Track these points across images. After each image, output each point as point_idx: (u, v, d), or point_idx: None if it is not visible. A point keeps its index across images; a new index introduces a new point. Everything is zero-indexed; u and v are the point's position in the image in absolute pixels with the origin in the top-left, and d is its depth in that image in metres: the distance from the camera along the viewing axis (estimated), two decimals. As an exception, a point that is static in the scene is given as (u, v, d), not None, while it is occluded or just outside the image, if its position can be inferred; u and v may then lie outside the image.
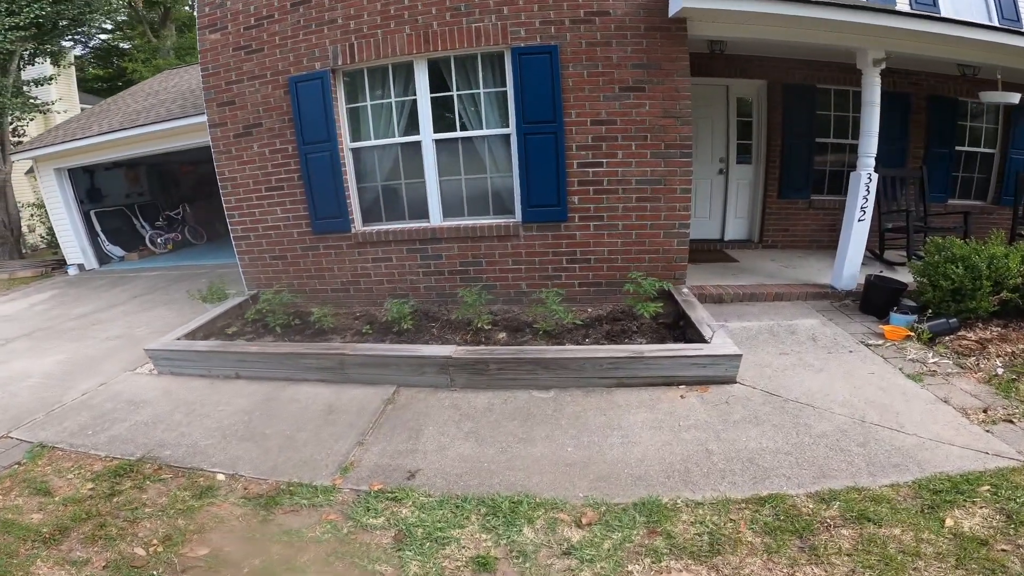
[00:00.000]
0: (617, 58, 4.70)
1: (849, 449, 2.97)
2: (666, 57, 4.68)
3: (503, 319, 4.87)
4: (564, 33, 4.72)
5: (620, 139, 4.75)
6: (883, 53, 4.78)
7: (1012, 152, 7.08)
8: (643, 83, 4.71)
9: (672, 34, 4.67)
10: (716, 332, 3.92)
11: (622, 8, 4.67)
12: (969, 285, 4.28)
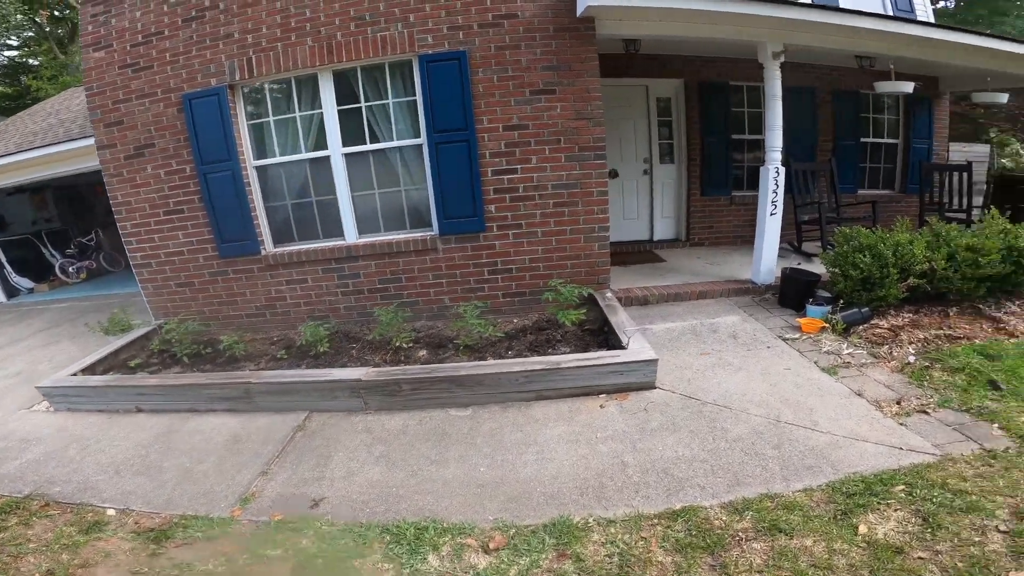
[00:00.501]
0: (527, 61, 4.62)
1: (764, 453, 2.93)
2: (576, 58, 4.64)
3: (426, 336, 4.70)
4: (473, 38, 4.61)
5: (533, 144, 4.66)
6: (781, 46, 4.89)
7: (914, 142, 7.46)
8: (554, 85, 4.65)
9: (581, 34, 4.63)
10: (632, 337, 3.87)
11: (530, 10, 4.60)
12: (877, 273, 4.39)
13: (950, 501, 2.44)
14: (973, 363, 3.73)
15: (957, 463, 2.74)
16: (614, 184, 6.90)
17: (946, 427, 3.09)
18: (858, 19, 4.84)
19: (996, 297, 4.69)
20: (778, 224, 5.12)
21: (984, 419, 3.13)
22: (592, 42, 4.65)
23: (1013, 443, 2.86)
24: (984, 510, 2.36)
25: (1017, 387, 3.42)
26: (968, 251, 4.39)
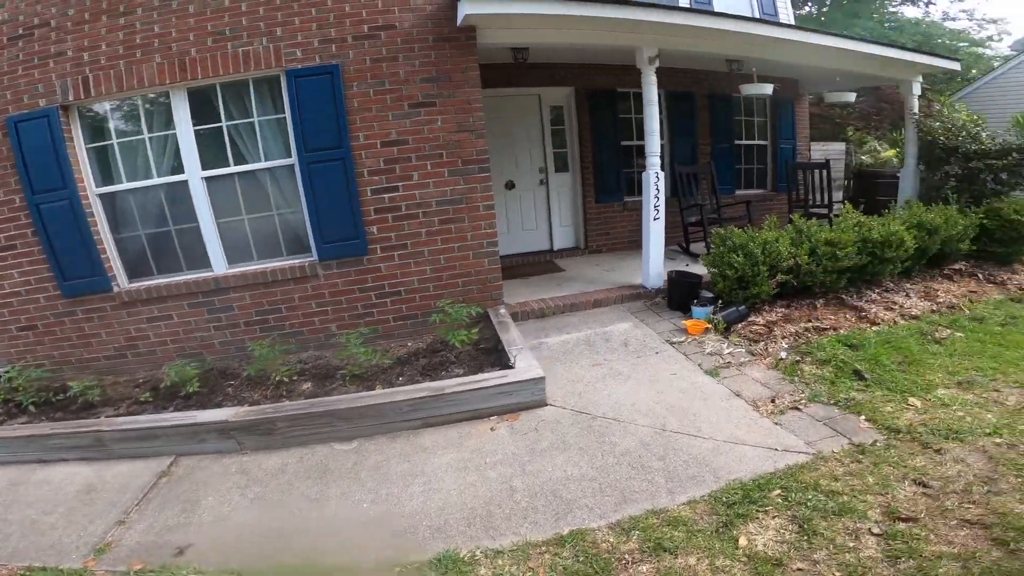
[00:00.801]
0: (405, 73, 4.44)
1: (650, 465, 2.93)
2: (456, 68, 4.52)
3: (312, 367, 4.38)
4: (347, 51, 4.36)
5: (415, 159, 4.48)
6: (656, 50, 5.02)
7: (780, 142, 8.07)
8: (434, 98, 4.50)
9: (462, 44, 4.53)
10: (520, 356, 3.79)
11: (408, 21, 4.43)
12: (750, 272, 4.60)
13: (824, 504, 2.50)
14: (839, 354, 3.99)
15: (828, 461, 2.84)
16: (511, 195, 6.89)
17: (817, 423, 3.23)
18: (726, 22, 5.11)
19: (857, 287, 5.10)
20: (662, 228, 5.27)
21: (852, 411, 3.31)
22: (473, 52, 4.57)
23: (879, 435, 3.04)
24: (857, 512, 2.44)
25: (880, 375, 3.68)
26: (827, 245, 4.72)
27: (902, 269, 5.21)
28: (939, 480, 2.60)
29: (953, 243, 5.38)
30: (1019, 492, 2.46)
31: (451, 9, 4.43)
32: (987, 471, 2.64)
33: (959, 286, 5.30)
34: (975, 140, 6.03)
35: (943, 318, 4.58)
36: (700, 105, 7.49)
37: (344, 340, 4.13)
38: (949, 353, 3.96)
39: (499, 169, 6.74)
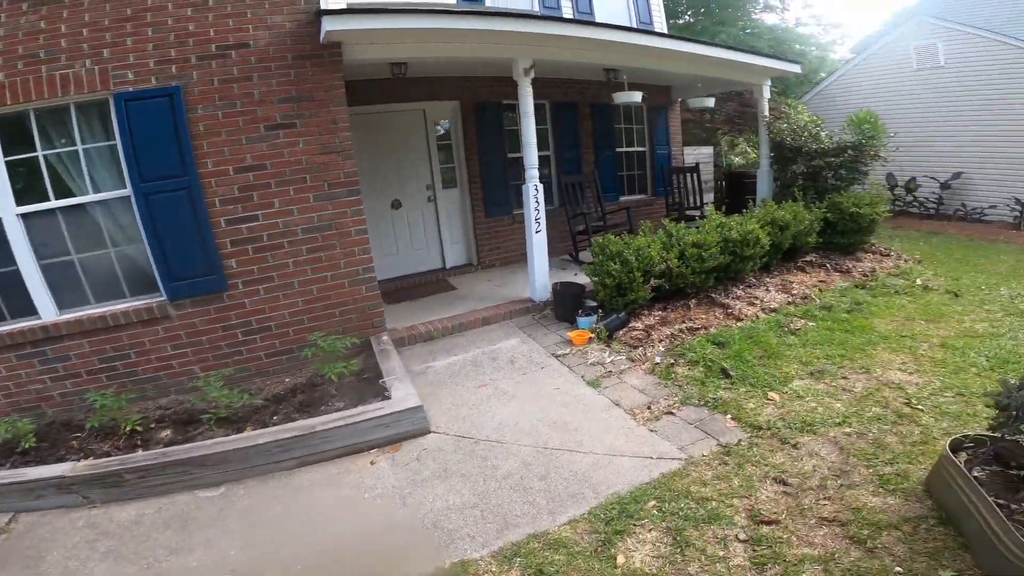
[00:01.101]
0: (260, 94, 4.13)
1: (531, 487, 2.89)
2: (320, 87, 4.28)
3: (174, 412, 3.95)
4: (190, 72, 3.98)
5: (275, 185, 4.18)
6: (530, 61, 5.05)
7: (657, 148, 8.50)
8: (294, 118, 4.22)
9: (325, 61, 4.29)
10: (397, 385, 3.67)
11: (265, 39, 4.13)
12: (626, 279, 4.74)
13: (695, 512, 2.56)
14: (708, 353, 4.17)
15: (699, 466, 2.92)
16: (399, 215, 6.68)
17: (689, 426, 3.33)
18: (596, 31, 5.24)
19: (724, 285, 5.41)
20: (545, 240, 5.32)
21: (719, 411, 3.44)
22: (338, 69, 4.35)
23: (744, 434, 3.17)
24: (725, 518, 2.51)
25: (744, 372, 3.87)
26: (694, 247, 4.98)
27: (761, 264, 5.62)
28: (797, 477, 2.74)
29: (802, 237, 5.89)
30: (870, 483, 2.63)
31: (313, 26, 4.20)
32: (840, 463, 2.81)
33: (811, 277, 5.80)
34: (816, 140, 6.64)
35: (798, 309, 4.96)
36: (584, 115, 7.71)
37: (200, 384, 3.75)
38: (803, 343, 4.27)
39: (384, 188, 6.53)
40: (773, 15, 18.76)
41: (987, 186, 9.15)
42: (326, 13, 4.10)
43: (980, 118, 9.17)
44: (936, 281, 5.62)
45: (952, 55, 9.45)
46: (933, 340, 4.17)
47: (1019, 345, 4.01)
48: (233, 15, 4.07)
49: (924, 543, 2.24)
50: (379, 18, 4.28)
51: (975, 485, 2.17)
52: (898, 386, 3.51)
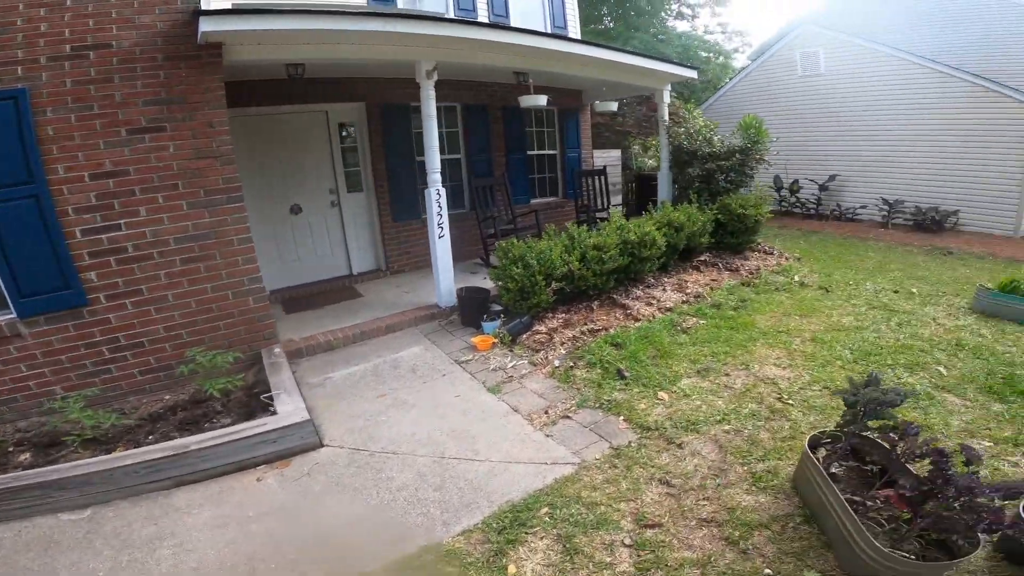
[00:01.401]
0: (123, 96, 3.75)
1: (426, 498, 2.83)
2: (194, 89, 3.95)
3: (35, 434, 3.58)
4: (39, 73, 3.54)
5: (139, 192, 3.82)
6: (433, 64, 4.95)
7: (568, 151, 8.66)
8: (163, 122, 3.87)
9: (203, 62, 3.97)
10: (283, 399, 3.52)
11: (130, 39, 3.75)
12: (529, 282, 4.77)
13: (584, 518, 2.59)
14: (605, 355, 4.27)
15: (591, 470, 2.97)
16: (299, 220, 6.35)
17: (584, 429, 3.38)
18: (499, 33, 5.20)
19: (625, 286, 5.59)
20: (448, 245, 5.24)
21: (613, 413, 3.52)
22: (217, 71, 4.04)
23: (635, 435, 3.26)
24: (611, 523, 2.55)
25: (638, 372, 3.99)
26: (595, 250, 5.09)
27: (660, 265, 5.85)
28: (680, 478, 2.85)
29: (696, 238, 6.21)
30: (745, 482, 2.77)
31: (190, 26, 3.89)
32: (719, 462, 2.95)
33: (705, 276, 6.12)
34: (708, 144, 7.02)
35: (691, 308, 5.22)
36: (495, 117, 7.68)
37: (58, 406, 3.40)
38: (693, 342, 4.48)
39: (283, 193, 6.19)
40: (685, 22, 19.74)
41: (859, 187, 10.10)
42: (204, 13, 3.82)
43: (852, 123, 10.10)
44: (811, 278, 6.12)
45: (831, 62, 10.33)
46: (805, 335, 4.51)
47: (880, 338, 4.43)
48: (94, 15, 3.69)
49: (791, 542, 2.36)
50: (261, 19, 4.02)
51: (829, 482, 2.27)
52: (772, 381, 3.76)
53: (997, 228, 8.55)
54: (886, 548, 1.95)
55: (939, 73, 8.88)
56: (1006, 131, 8.23)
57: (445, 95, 7.20)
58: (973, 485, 1.85)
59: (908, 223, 9.20)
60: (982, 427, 3.15)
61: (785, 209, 10.81)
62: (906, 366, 3.92)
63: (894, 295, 5.49)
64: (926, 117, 9.14)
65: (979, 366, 3.91)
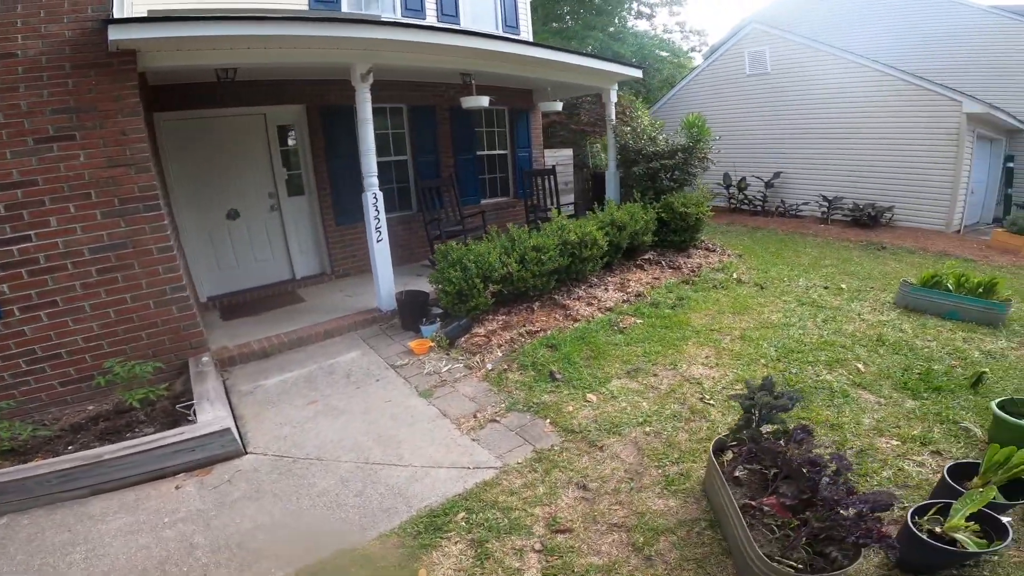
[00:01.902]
0: (28, 105, 3.61)
1: (346, 503, 2.82)
2: (106, 97, 3.82)
3: None
4: None
5: (50, 202, 3.66)
6: (368, 67, 4.88)
7: (518, 151, 8.66)
8: (73, 130, 3.73)
9: (115, 70, 3.85)
10: (207, 408, 3.47)
11: (36, 48, 3.62)
12: (466, 285, 4.76)
13: (499, 523, 2.61)
14: (540, 357, 4.30)
15: (511, 475, 2.99)
16: (236, 225, 6.19)
17: (511, 433, 3.40)
18: (435, 35, 5.14)
19: (567, 286, 5.64)
20: (387, 248, 5.20)
21: (541, 416, 3.55)
22: (130, 78, 3.93)
23: (559, 438, 3.29)
24: (524, 528, 2.57)
25: (570, 374, 4.02)
26: (534, 251, 5.11)
27: (603, 264, 5.92)
28: (597, 481, 2.88)
29: (640, 236, 6.30)
30: (657, 485, 2.81)
31: (100, 34, 3.76)
32: (636, 465, 2.99)
33: (648, 274, 6.22)
34: (653, 143, 7.12)
35: (631, 307, 5.30)
36: (442, 118, 7.62)
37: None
38: (628, 342, 4.55)
39: (217, 198, 6.01)
40: (645, 21, 19.96)
41: (801, 184, 10.42)
42: (113, 22, 3.71)
43: (796, 121, 10.41)
44: (749, 275, 6.28)
45: (776, 61, 10.60)
46: (735, 333, 4.63)
47: (805, 334, 4.57)
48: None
49: (695, 548, 2.39)
50: (173, 26, 3.94)
51: (727, 487, 2.30)
52: (697, 381, 3.84)
53: (930, 223, 8.94)
54: (775, 556, 1.98)
55: (876, 72, 9.21)
56: (938, 128, 8.60)
57: (391, 96, 7.15)
58: (837, 497, 1.89)
59: (847, 219, 9.54)
60: (892, 425, 3.25)
61: (734, 206, 11.07)
62: (827, 363, 4.05)
63: (824, 291, 5.69)
64: (863, 115, 9.48)
65: (897, 362, 4.06)
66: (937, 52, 10.46)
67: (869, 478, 2.77)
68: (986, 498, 2.11)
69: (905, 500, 2.57)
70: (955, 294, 5.05)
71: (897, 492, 2.64)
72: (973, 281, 5.08)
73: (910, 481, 2.74)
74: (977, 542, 2.10)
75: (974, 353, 4.22)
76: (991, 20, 9.99)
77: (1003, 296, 4.96)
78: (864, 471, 2.81)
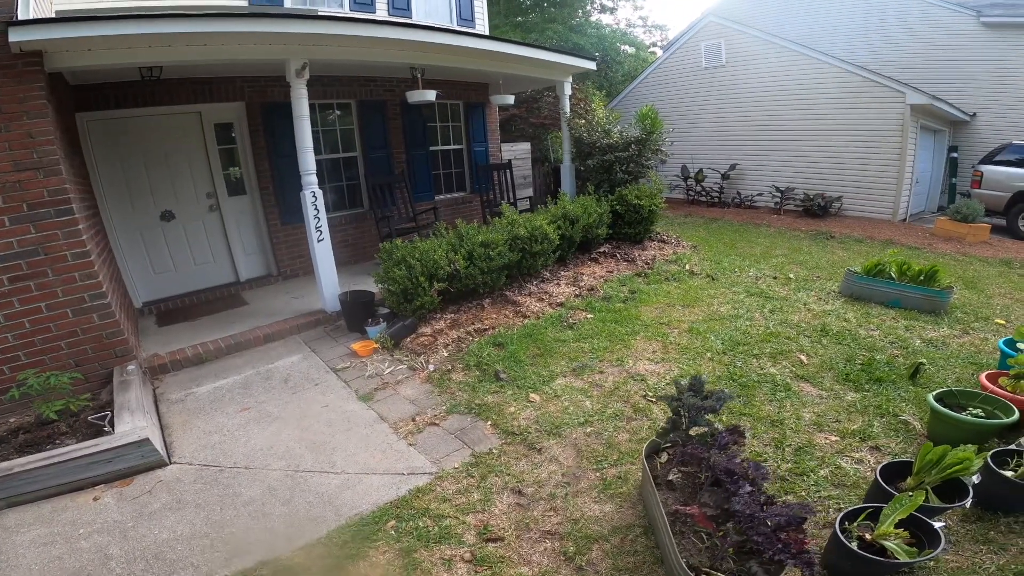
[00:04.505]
0: (-80, 111, 3.33)
1: (273, 512, 2.70)
2: (10, 99, 3.55)
3: None
4: None
5: (-49, 208, 3.41)
6: (303, 62, 4.69)
7: (474, 145, 8.51)
8: (-30, 135, 3.47)
9: (19, 71, 3.59)
10: (123, 419, 3.31)
11: None
12: (411, 284, 4.63)
13: (429, 531, 2.51)
14: (485, 356, 4.20)
15: (446, 480, 2.89)
16: (172, 227, 5.90)
17: (450, 436, 3.29)
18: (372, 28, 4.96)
19: (519, 282, 5.54)
20: (329, 248, 5.02)
21: (482, 418, 3.44)
22: (36, 79, 3.66)
23: (499, 441, 3.19)
24: (455, 537, 2.48)
25: (515, 373, 3.92)
26: (482, 247, 4.99)
27: (556, 258, 5.84)
28: (533, 486, 2.79)
29: (593, 229, 6.24)
30: (594, 489, 2.73)
31: (2, 36, 3.48)
32: (574, 468, 2.91)
33: (602, 267, 6.18)
34: (607, 135, 7.06)
35: (583, 301, 5.23)
36: (393, 113, 7.40)
37: None
38: (576, 338, 4.48)
39: (150, 199, 5.71)
40: (609, 15, 20.00)
41: (756, 175, 10.57)
42: (14, 24, 3.45)
43: (750, 112, 10.54)
44: (701, 266, 6.30)
45: (731, 54, 10.70)
46: (684, 326, 4.61)
47: (753, 326, 4.57)
48: None
49: (627, 557, 2.30)
50: (79, 26, 3.70)
51: (655, 493, 2.22)
52: (642, 378, 3.78)
53: (877, 212, 9.17)
54: (703, 567, 1.90)
55: (823, 64, 9.37)
56: (884, 119, 8.80)
57: (339, 92, 6.93)
58: (750, 511, 1.81)
59: (798, 209, 9.72)
60: (832, 420, 3.21)
61: (692, 198, 11.16)
62: (771, 355, 4.04)
63: (773, 281, 5.74)
64: (813, 107, 9.65)
65: (840, 352, 4.07)
66: (890, 45, 10.71)
67: (806, 477, 2.71)
68: (915, 504, 2.02)
69: (841, 501, 2.53)
70: (898, 282, 5.12)
71: (834, 492, 2.60)
72: (915, 269, 5.14)
73: (847, 480, 2.69)
74: (907, 550, 1.99)
75: (915, 342, 4.26)
76: (936, 12, 10.25)
77: (944, 283, 5.04)
78: (801, 469, 2.76)
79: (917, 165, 9.21)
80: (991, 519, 2.41)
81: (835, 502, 2.52)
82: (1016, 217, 8.62)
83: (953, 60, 9.94)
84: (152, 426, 3.35)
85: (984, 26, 9.57)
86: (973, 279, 6.10)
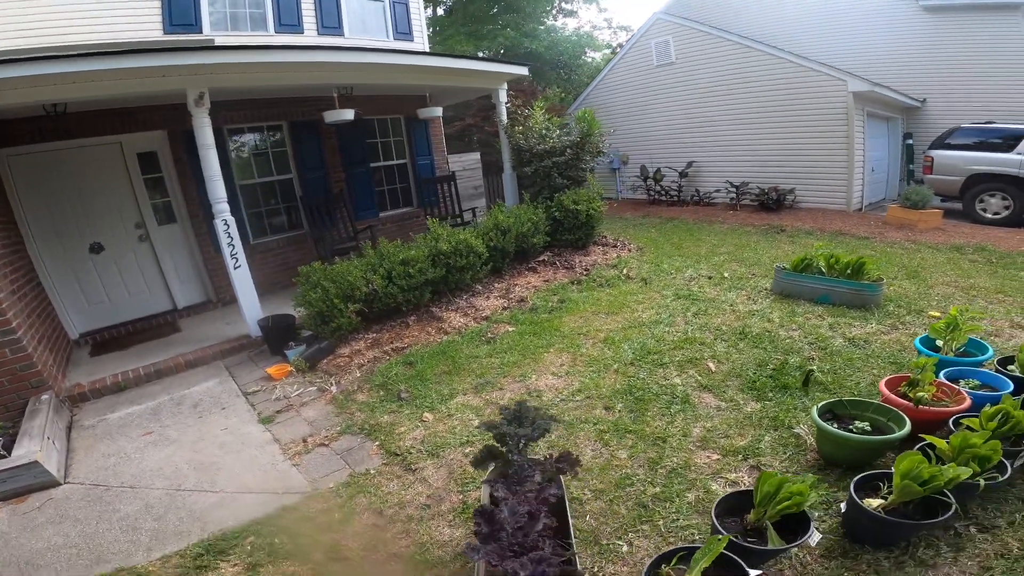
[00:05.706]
0: None
1: (143, 527, 2.84)
2: None
3: None
4: None
5: None
6: (200, 91, 4.68)
7: (419, 159, 8.48)
8: None
9: None
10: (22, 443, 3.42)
11: None
12: (326, 306, 4.60)
13: (282, 548, 2.56)
14: (393, 375, 4.16)
15: (315, 500, 2.90)
16: (102, 259, 5.87)
17: (335, 457, 3.29)
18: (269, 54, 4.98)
19: (447, 297, 5.49)
20: (247, 275, 5.00)
21: (372, 438, 3.42)
22: None
23: (381, 461, 3.18)
24: (303, 554, 2.49)
25: (418, 392, 3.88)
26: (402, 265, 4.96)
27: (489, 270, 5.79)
28: (395, 507, 2.77)
29: (529, 238, 6.17)
30: (453, 512, 2.69)
31: None
32: (440, 490, 2.87)
33: (540, 277, 6.13)
34: (543, 140, 6.99)
35: (508, 314, 5.18)
36: (327, 133, 7.34)
37: None
38: (491, 352, 4.41)
39: (76, 232, 5.68)
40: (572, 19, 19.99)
41: (713, 172, 10.54)
42: None
43: (702, 109, 10.52)
44: (639, 270, 6.24)
45: (680, 50, 10.68)
46: (600, 336, 4.52)
47: (671, 332, 4.46)
48: None
49: None
50: None
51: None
52: (540, 393, 3.70)
53: (831, 203, 9.13)
54: None
55: (766, 55, 9.36)
56: (828, 108, 8.78)
57: (270, 114, 6.91)
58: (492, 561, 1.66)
59: (754, 203, 9.67)
60: (721, 435, 3.05)
61: (653, 198, 11.12)
62: (680, 363, 3.92)
63: (707, 281, 5.69)
64: (760, 99, 9.64)
65: (754, 357, 3.92)
66: (838, 34, 10.66)
67: (669, 504, 2.56)
68: (718, 549, 1.80)
69: (697, 531, 2.38)
70: (826, 277, 5.01)
71: (695, 521, 2.43)
72: (843, 262, 5.01)
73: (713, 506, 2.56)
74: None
75: (837, 341, 4.09)
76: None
77: (874, 276, 4.89)
78: (668, 495, 2.61)
79: (869, 153, 9.17)
80: (856, 554, 2.17)
81: (691, 532, 2.38)
82: (972, 201, 8.56)
83: (898, 46, 9.91)
84: (49, 450, 3.42)
85: (924, 10, 9.55)
86: (917, 268, 5.98)
